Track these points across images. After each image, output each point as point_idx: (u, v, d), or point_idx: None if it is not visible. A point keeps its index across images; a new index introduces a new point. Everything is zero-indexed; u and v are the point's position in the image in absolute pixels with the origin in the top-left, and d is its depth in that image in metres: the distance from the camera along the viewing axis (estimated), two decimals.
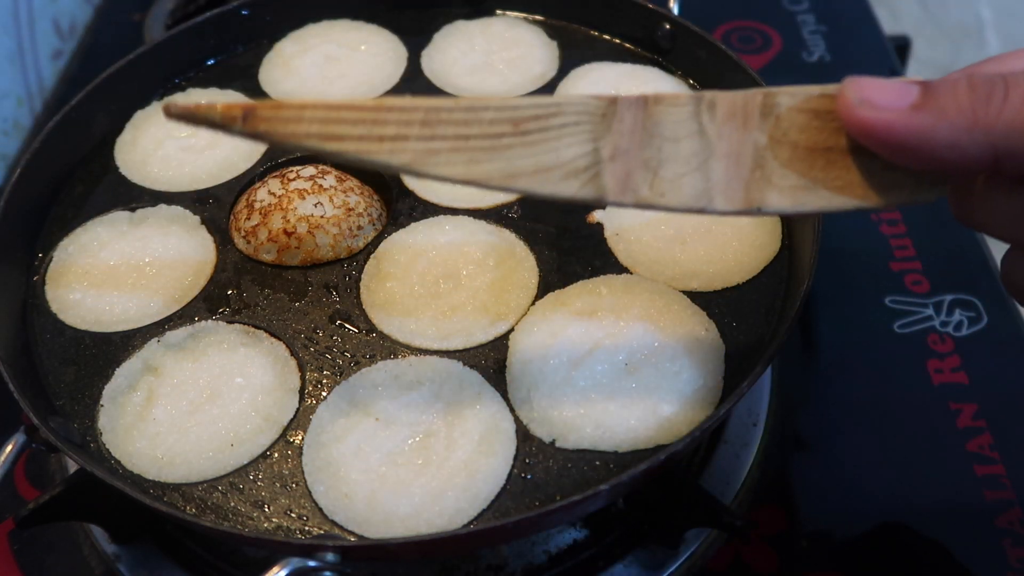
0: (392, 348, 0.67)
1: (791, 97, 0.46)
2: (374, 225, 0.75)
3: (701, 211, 0.47)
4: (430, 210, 0.76)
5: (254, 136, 0.43)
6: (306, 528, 0.58)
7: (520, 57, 0.90)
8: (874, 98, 0.43)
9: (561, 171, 0.46)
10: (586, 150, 0.46)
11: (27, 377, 0.66)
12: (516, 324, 0.67)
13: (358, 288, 0.71)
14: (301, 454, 0.61)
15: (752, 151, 0.47)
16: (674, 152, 0.47)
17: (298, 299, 0.71)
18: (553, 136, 0.46)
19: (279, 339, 0.68)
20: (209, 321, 0.69)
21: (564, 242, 0.73)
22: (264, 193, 0.75)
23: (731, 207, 0.47)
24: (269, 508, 0.59)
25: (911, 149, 0.42)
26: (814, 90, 0.46)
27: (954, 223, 0.48)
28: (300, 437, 0.62)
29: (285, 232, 0.72)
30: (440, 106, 0.45)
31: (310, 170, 0.76)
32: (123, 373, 0.66)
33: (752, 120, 0.47)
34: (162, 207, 0.78)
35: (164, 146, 0.83)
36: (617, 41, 0.92)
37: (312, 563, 0.51)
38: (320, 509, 0.58)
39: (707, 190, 0.47)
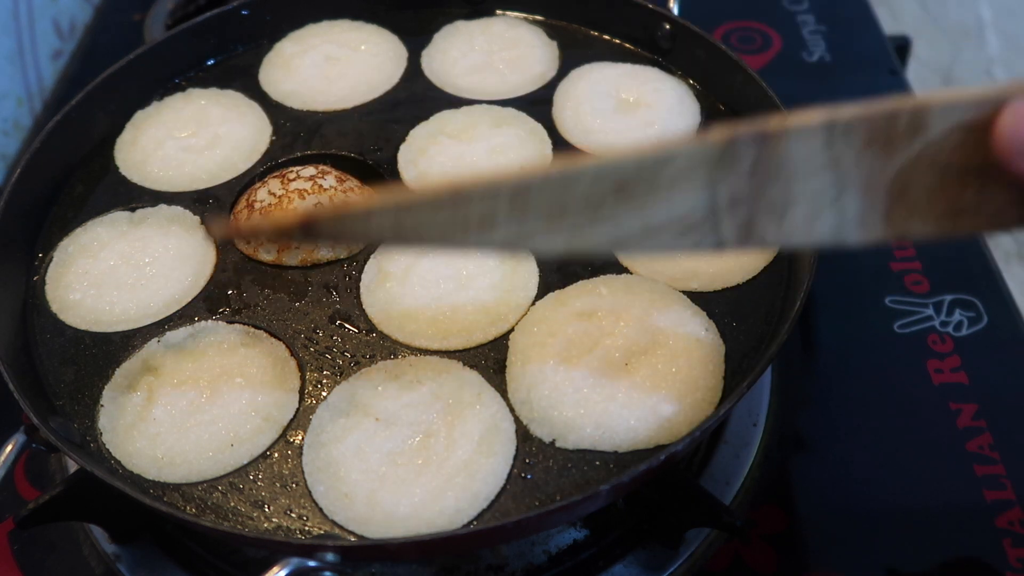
0: (392, 348, 0.67)
1: (946, 110, 0.38)
2: None
3: (826, 246, 0.41)
4: None
5: (319, 243, 0.41)
6: (306, 528, 0.58)
7: (520, 57, 0.90)
8: None
9: (674, 229, 0.40)
10: (701, 201, 0.39)
11: (27, 377, 0.66)
12: (516, 324, 0.67)
13: (358, 288, 0.71)
14: (301, 454, 0.61)
15: (895, 178, 0.39)
16: (803, 191, 0.39)
17: (298, 299, 0.71)
18: (663, 190, 0.39)
19: (279, 339, 0.68)
20: (209, 321, 0.69)
21: None
22: (264, 193, 0.75)
23: (866, 239, 0.41)
24: (269, 508, 0.59)
25: None
26: (972, 97, 0.37)
27: None
28: (300, 437, 0.62)
29: None
30: (527, 184, 0.39)
31: (310, 170, 0.76)
32: (123, 373, 0.66)
33: (897, 142, 0.38)
34: (162, 207, 0.78)
35: (164, 146, 0.83)
36: (617, 41, 0.92)
37: (312, 563, 0.51)
38: (320, 509, 0.58)
39: (840, 226, 0.40)
